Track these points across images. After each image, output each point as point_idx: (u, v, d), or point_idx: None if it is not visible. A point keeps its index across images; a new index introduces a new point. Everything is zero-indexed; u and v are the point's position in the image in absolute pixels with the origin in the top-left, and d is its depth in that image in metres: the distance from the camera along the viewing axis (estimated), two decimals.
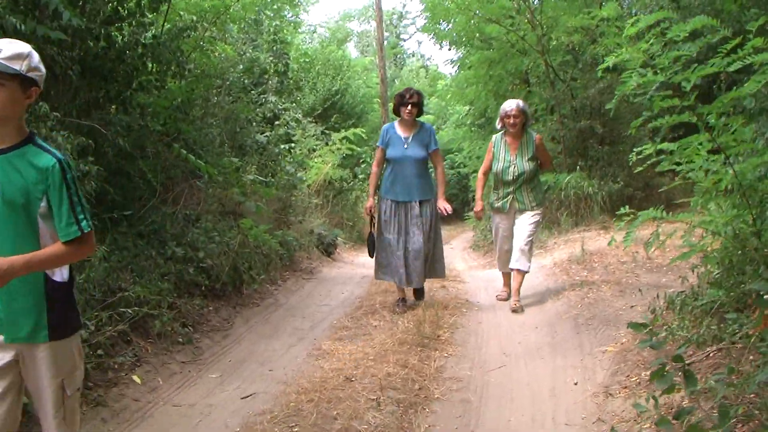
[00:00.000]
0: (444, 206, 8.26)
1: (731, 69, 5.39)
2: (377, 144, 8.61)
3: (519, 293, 8.73)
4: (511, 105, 8.50)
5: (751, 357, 4.58)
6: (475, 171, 23.93)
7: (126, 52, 8.12)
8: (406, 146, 8.25)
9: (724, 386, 3.73)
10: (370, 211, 8.53)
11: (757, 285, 3.71)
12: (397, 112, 8.37)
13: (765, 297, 3.60)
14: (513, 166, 8.50)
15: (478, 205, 9.06)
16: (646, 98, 5.88)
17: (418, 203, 8.22)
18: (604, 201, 14.85)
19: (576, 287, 9.02)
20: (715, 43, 5.64)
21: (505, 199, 8.64)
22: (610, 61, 6.20)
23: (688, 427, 3.51)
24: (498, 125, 8.75)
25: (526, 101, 8.76)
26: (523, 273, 8.71)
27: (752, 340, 4.50)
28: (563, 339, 7.15)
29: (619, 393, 5.33)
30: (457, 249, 18.32)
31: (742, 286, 5.24)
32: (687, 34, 5.76)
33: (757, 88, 5.39)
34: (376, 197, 8.67)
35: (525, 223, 8.60)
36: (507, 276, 9.16)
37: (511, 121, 8.39)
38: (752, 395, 3.92)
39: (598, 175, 15.90)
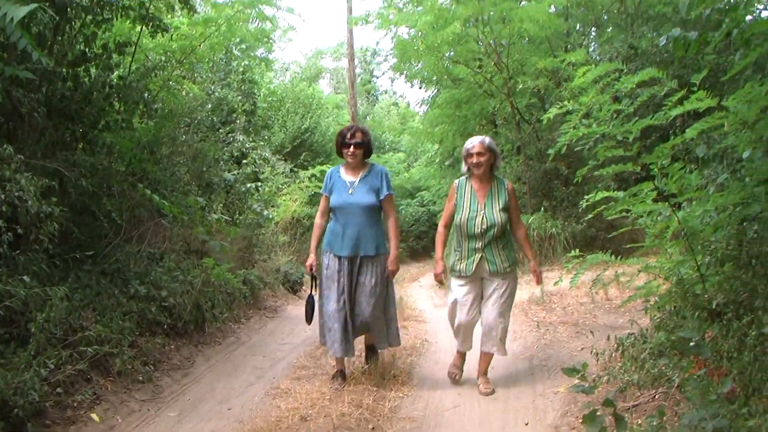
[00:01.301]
0: (391, 268, 6.98)
1: (669, 115, 5.65)
2: (321, 191, 7.30)
3: (487, 374, 7.15)
4: (473, 142, 6.81)
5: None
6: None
7: (93, 92, 8.26)
8: (351, 191, 6.87)
9: (653, 429, 3.89)
10: (311, 269, 7.18)
11: (685, 332, 3.89)
12: (339, 153, 7.09)
13: (692, 344, 3.77)
14: (481, 216, 6.66)
15: (438, 266, 7.09)
16: (585, 148, 6.10)
17: (363, 259, 6.88)
18: (568, 241, 15.08)
19: (533, 328, 9.20)
20: (664, 94, 5.89)
21: (471, 259, 6.74)
22: (552, 113, 6.48)
23: None
24: (464, 168, 6.93)
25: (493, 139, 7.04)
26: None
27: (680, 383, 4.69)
28: (517, 380, 7.30)
29: None
30: (425, 287, 18.41)
31: (685, 329, 5.42)
32: (635, 86, 6.01)
33: (694, 135, 5.63)
34: (320, 252, 7.25)
35: (499, 294, 6.78)
36: (461, 356, 7.41)
37: (475, 160, 6.69)
38: None
39: (562, 215, 16.19)
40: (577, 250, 6.96)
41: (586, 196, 6.90)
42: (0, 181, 6.02)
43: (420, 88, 21.85)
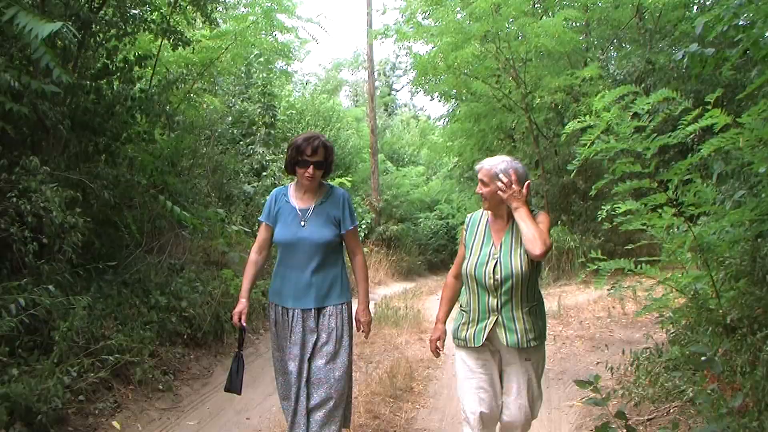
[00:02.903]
0: (363, 319, 5.10)
1: (685, 133, 5.70)
2: (261, 218, 5.26)
3: None
4: (482, 164, 4.58)
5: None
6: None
7: (115, 105, 8.37)
8: (303, 223, 4.92)
9: None
10: (239, 318, 5.03)
11: (698, 347, 3.94)
12: (291, 170, 5.07)
13: (704, 359, 3.82)
14: (494, 262, 4.39)
15: (435, 330, 4.82)
16: (605, 161, 6.16)
17: (317, 312, 4.92)
18: (586, 255, 15.08)
19: (550, 342, 9.22)
20: (680, 111, 5.96)
21: (481, 325, 4.42)
22: (571, 127, 6.52)
23: None
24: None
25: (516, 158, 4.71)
26: None
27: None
28: None
29: None
30: None
31: (698, 344, 5.47)
32: (650, 106, 6.07)
33: (708, 151, 5.68)
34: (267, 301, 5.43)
35: (522, 383, 4.47)
36: None
37: (480, 189, 4.53)
38: None
39: (580, 229, 16.20)
40: (599, 252, 6.90)
41: (603, 206, 6.90)
42: (26, 192, 6.16)
43: (439, 101, 21.97)
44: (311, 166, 4.83)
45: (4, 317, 5.48)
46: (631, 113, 6.18)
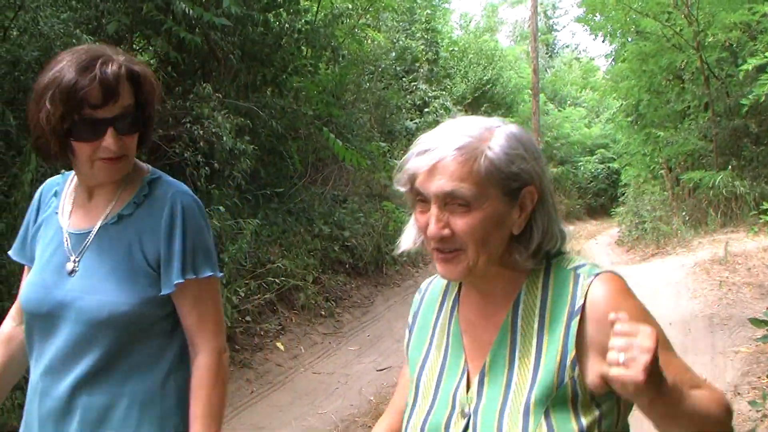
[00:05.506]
0: None
1: None
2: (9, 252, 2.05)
3: None
4: (427, 145, 1.33)
5: None
6: (629, 165, 23.03)
7: (282, 37, 8.52)
8: (72, 265, 1.80)
9: None
10: None
11: None
12: (59, 147, 1.71)
13: None
14: (466, 422, 1.38)
15: None
16: None
17: None
18: (756, 202, 14.49)
19: (715, 287, 8.94)
20: None
21: None
22: (751, 64, 6.21)
23: None
24: (411, 232, 1.48)
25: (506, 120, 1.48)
26: None
27: None
28: (696, 337, 7.13)
29: (748, 393, 5.34)
30: (602, 244, 18.22)
31: None
32: None
33: None
34: None
35: None
36: None
37: (430, 221, 1.33)
38: None
39: (750, 175, 15.53)
40: None
41: None
42: (199, 118, 6.36)
43: (603, 41, 21.35)
44: (108, 131, 1.73)
45: None
46: None
